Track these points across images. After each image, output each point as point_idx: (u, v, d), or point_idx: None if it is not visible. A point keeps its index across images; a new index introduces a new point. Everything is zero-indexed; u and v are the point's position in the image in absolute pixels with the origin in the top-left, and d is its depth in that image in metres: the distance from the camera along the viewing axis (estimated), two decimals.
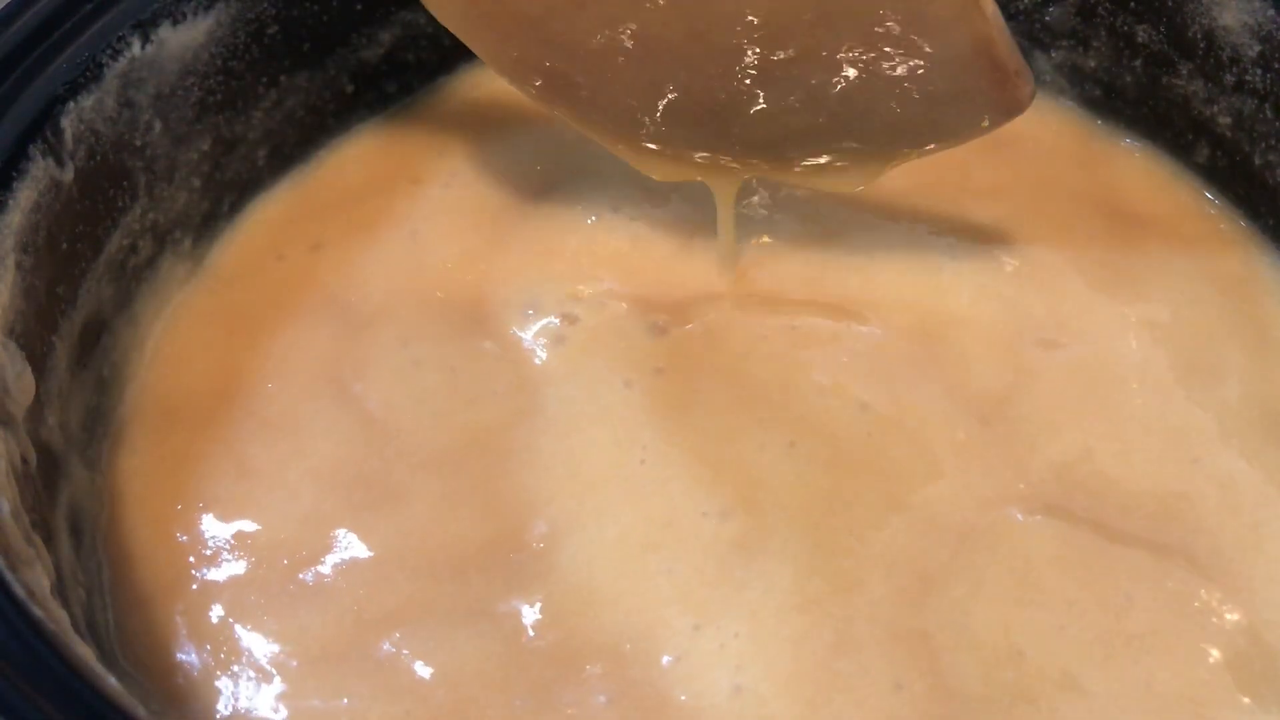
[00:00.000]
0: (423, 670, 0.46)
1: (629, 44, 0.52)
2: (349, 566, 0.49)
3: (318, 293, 0.59)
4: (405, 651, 0.47)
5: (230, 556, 0.50)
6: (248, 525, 0.51)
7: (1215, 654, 0.47)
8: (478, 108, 0.66)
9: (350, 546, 0.50)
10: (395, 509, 0.51)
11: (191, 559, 0.50)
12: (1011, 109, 0.52)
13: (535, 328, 0.56)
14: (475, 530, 0.50)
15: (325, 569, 0.49)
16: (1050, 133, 0.65)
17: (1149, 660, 0.47)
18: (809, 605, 0.48)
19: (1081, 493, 0.51)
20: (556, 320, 0.56)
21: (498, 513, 0.50)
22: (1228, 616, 0.48)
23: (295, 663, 0.47)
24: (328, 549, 0.50)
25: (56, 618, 0.40)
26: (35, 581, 0.41)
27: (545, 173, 0.63)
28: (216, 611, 0.48)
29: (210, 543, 0.50)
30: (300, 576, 0.49)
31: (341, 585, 0.49)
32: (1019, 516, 0.50)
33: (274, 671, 0.47)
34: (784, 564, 0.49)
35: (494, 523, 0.50)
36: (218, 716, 0.46)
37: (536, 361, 0.55)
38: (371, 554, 0.49)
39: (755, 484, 0.51)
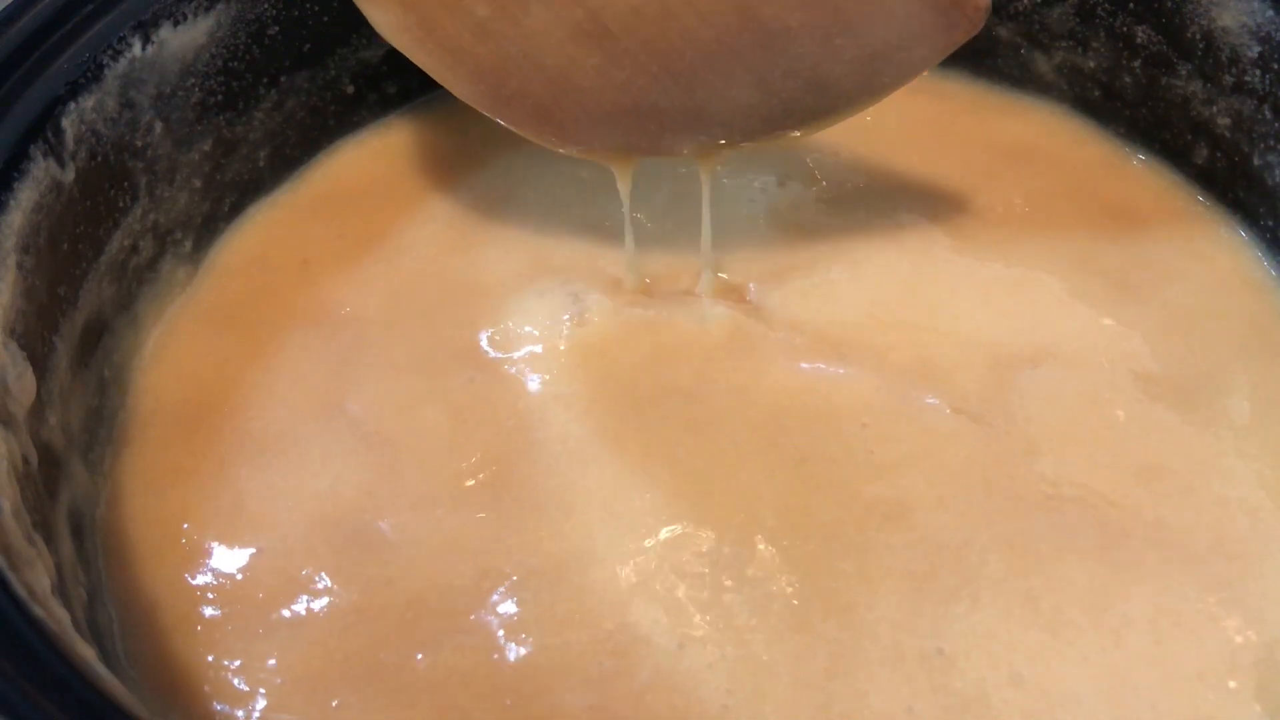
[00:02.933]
0: (409, 680, 0.46)
1: (579, 44, 0.51)
2: (339, 594, 0.49)
3: (317, 303, 0.58)
4: (392, 663, 0.47)
5: (226, 573, 0.49)
6: (242, 546, 0.50)
7: (1222, 672, 0.47)
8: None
9: (342, 578, 0.49)
10: (388, 543, 0.50)
11: (189, 569, 0.50)
12: (973, 18, 0.50)
13: (539, 355, 0.56)
14: (467, 565, 0.49)
15: (315, 596, 0.49)
16: (1047, 137, 0.66)
17: (1152, 682, 0.46)
18: (804, 628, 0.47)
19: (1083, 511, 0.51)
20: (562, 348, 0.56)
21: (490, 547, 0.50)
22: (1237, 635, 0.47)
23: (288, 671, 0.47)
24: (318, 578, 0.49)
25: (57, 617, 0.40)
26: (36, 581, 0.41)
27: (552, 186, 0.62)
28: (214, 619, 0.48)
29: (207, 557, 0.50)
30: (292, 600, 0.49)
31: (332, 610, 0.48)
32: (1019, 535, 0.50)
33: (267, 678, 0.47)
34: (779, 590, 0.48)
35: (485, 558, 0.49)
36: (215, 718, 0.46)
37: (537, 391, 0.55)
38: (363, 584, 0.49)
39: (756, 512, 0.51)
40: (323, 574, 0.49)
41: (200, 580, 0.49)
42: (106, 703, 0.37)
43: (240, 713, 0.46)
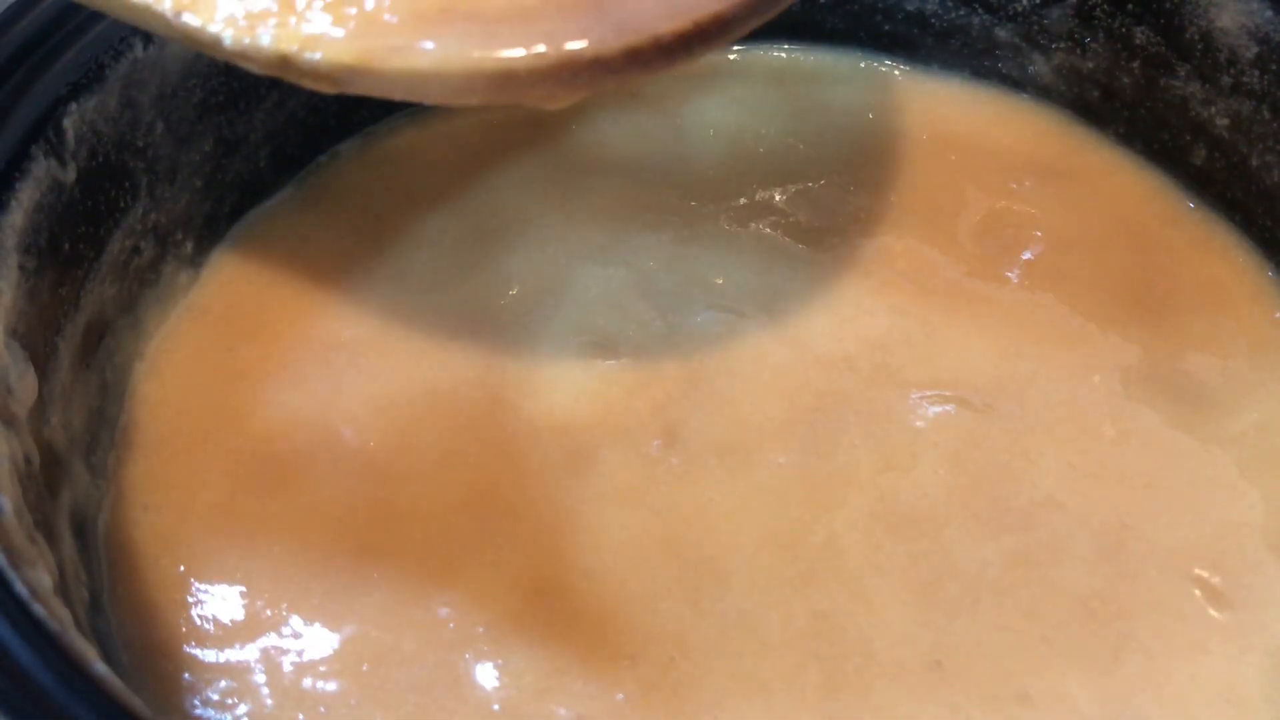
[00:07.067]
0: (396, 686, 0.47)
1: None
2: (330, 614, 0.48)
3: (318, 317, 0.58)
4: (380, 673, 0.47)
5: (221, 589, 0.49)
6: (238, 565, 0.50)
7: (1225, 692, 0.46)
8: (490, 118, 0.66)
9: (334, 599, 0.49)
10: (381, 565, 0.50)
11: (186, 581, 0.50)
12: None
13: (540, 378, 0.55)
14: (460, 580, 0.49)
15: (306, 616, 0.48)
16: (1046, 143, 0.66)
17: (1151, 700, 0.46)
18: (798, 642, 0.47)
19: (1083, 522, 0.51)
20: (560, 369, 0.55)
21: (484, 567, 0.50)
22: (1238, 655, 0.47)
23: (286, 673, 0.47)
24: (311, 599, 0.49)
25: (59, 616, 0.40)
26: (38, 580, 0.41)
27: (558, 200, 0.62)
28: (208, 633, 0.48)
29: (204, 573, 0.50)
30: (283, 619, 0.49)
31: (321, 628, 0.48)
32: (1019, 546, 0.50)
33: (254, 689, 0.47)
34: (773, 603, 0.48)
35: (479, 577, 0.49)
36: (216, 717, 0.46)
37: (538, 415, 0.54)
38: (355, 604, 0.49)
39: (751, 525, 0.50)
40: (315, 596, 0.49)
41: (195, 594, 0.49)
42: (108, 701, 0.37)
43: (240, 709, 0.46)
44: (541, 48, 0.42)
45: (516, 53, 0.42)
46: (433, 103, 0.44)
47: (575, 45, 0.42)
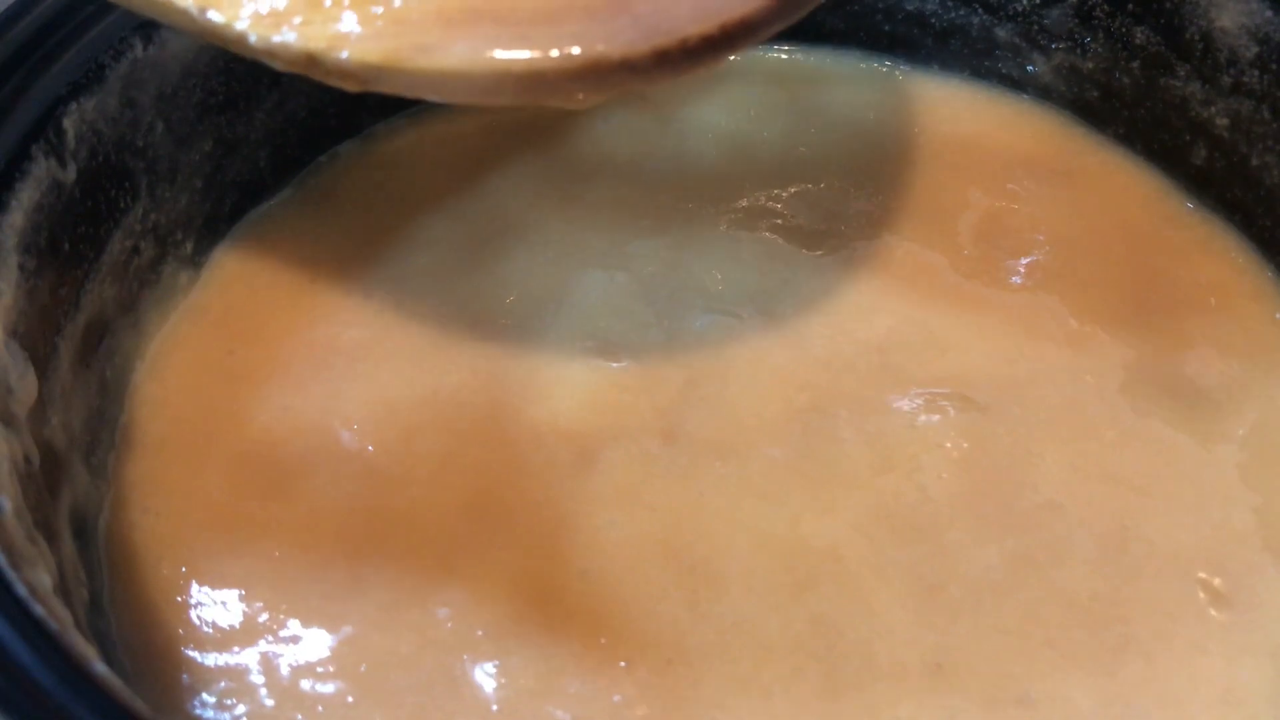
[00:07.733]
0: (395, 688, 0.46)
1: None
2: (328, 621, 0.48)
3: (318, 319, 0.58)
4: (377, 676, 0.47)
5: (220, 593, 0.49)
6: (237, 569, 0.50)
7: (1225, 698, 0.46)
8: (491, 121, 0.66)
9: (332, 606, 0.49)
10: (380, 572, 0.50)
11: (184, 585, 0.49)
12: None
13: (540, 383, 0.55)
14: (457, 582, 0.49)
15: (305, 622, 0.48)
16: (1045, 144, 0.66)
17: (1151, 704, 0.46)
18: (799, 645, 0.47)
19: (1083, 524, 0.51)
20: (573, 377, 0.55)
21: (483, 570, 0.49)
22: (1237, 659, 0.47)
23: (284, 674, 0.47)
24: (309, 606, 0.49)
25: (59, 616, 0.40)
26: (37, 580, 0.41)
27: (559, 200, 0.62)
28: (206, 636, 0.48)
29: (203, 576, 0.50)
30: (282, 624, 0.48)
31: (320, 634, 0.48)
32: (1021, 547, 0.50)
33: (265, 681, 0.47)
34: (772, 605, 0.48)
35: (478, 582, 0.49)
36: (215, 718, 0.46)
37: (538, 420, 0.54)
38: (354, 612, 0.49)
39: (751, 526, 0.50)
40: (314, 598, 0.49)
41: (195, 596, 0.49)
42: (108, 701, 0.37)
43: (239, 709, 0.46)
44: (573, 49, 0.42)
45: (546, 54, 0.42)
46: (458, 102, 0.44)
47: (604, 47, 0.42)
